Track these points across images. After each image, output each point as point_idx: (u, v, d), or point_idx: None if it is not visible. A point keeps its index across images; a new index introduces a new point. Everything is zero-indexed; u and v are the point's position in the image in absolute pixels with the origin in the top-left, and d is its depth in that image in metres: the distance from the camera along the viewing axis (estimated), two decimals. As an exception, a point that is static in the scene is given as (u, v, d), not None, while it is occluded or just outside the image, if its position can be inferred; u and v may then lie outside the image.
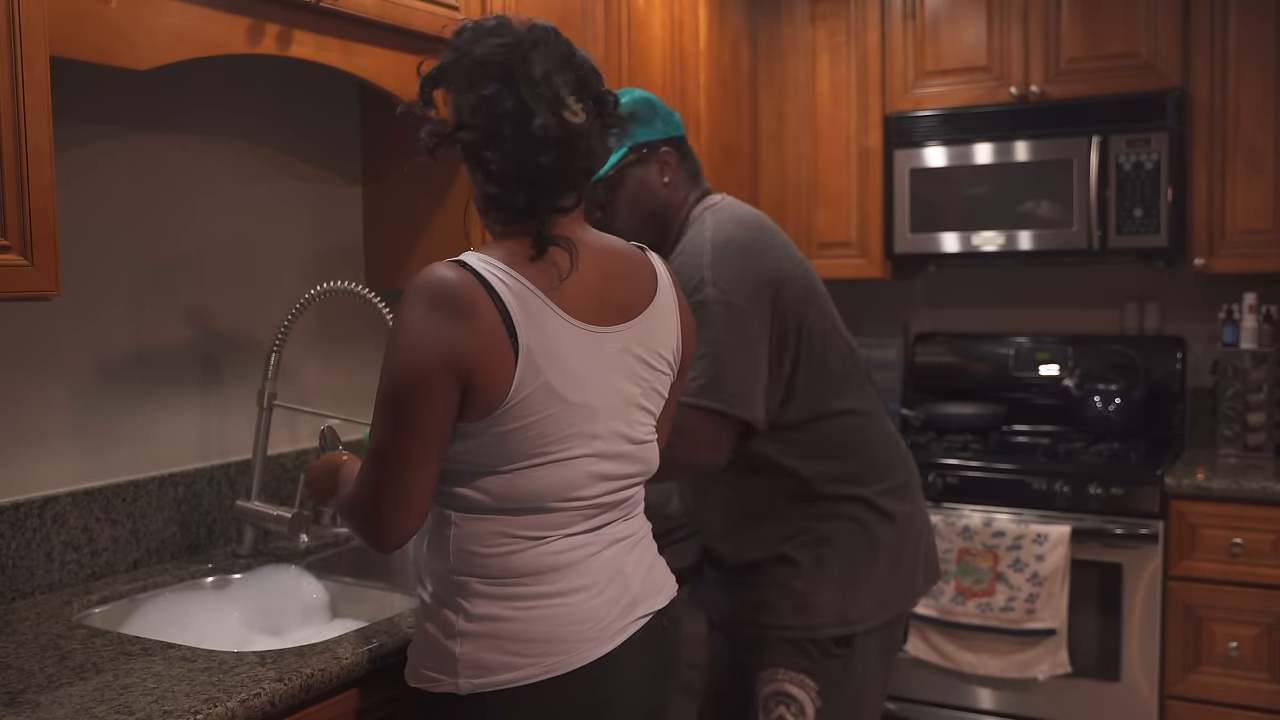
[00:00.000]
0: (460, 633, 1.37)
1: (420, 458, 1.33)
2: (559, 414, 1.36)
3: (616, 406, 1.42)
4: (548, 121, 1.34)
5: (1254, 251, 3.08)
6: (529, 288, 1.35)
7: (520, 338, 1.32)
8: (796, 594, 1.93)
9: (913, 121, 3.42)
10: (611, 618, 1.43)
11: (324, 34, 1.94)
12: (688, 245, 1.93)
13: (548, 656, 1.37)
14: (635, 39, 2.85)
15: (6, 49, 1.41)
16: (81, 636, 1.65)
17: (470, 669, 1.36)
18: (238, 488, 2.21)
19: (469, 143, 1.38)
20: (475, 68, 1.37)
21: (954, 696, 3.16)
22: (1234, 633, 2.86)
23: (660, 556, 1.58)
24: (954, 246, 3.37)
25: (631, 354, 1.45)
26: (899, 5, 3.46)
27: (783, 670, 1.93)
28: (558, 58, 1.39)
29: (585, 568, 1.41)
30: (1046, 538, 2.96)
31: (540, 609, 1.38)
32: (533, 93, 1.35)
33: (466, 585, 1.38)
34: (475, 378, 1.31)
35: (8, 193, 1.43)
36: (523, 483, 1.36)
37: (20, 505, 1.84)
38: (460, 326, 1.30)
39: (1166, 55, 3.12)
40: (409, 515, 1.36)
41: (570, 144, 1.37)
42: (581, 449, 1.39)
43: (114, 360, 2.03)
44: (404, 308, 1.33)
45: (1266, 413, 3.11)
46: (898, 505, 1.99)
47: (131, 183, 2.05)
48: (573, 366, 1.37)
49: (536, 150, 1.35)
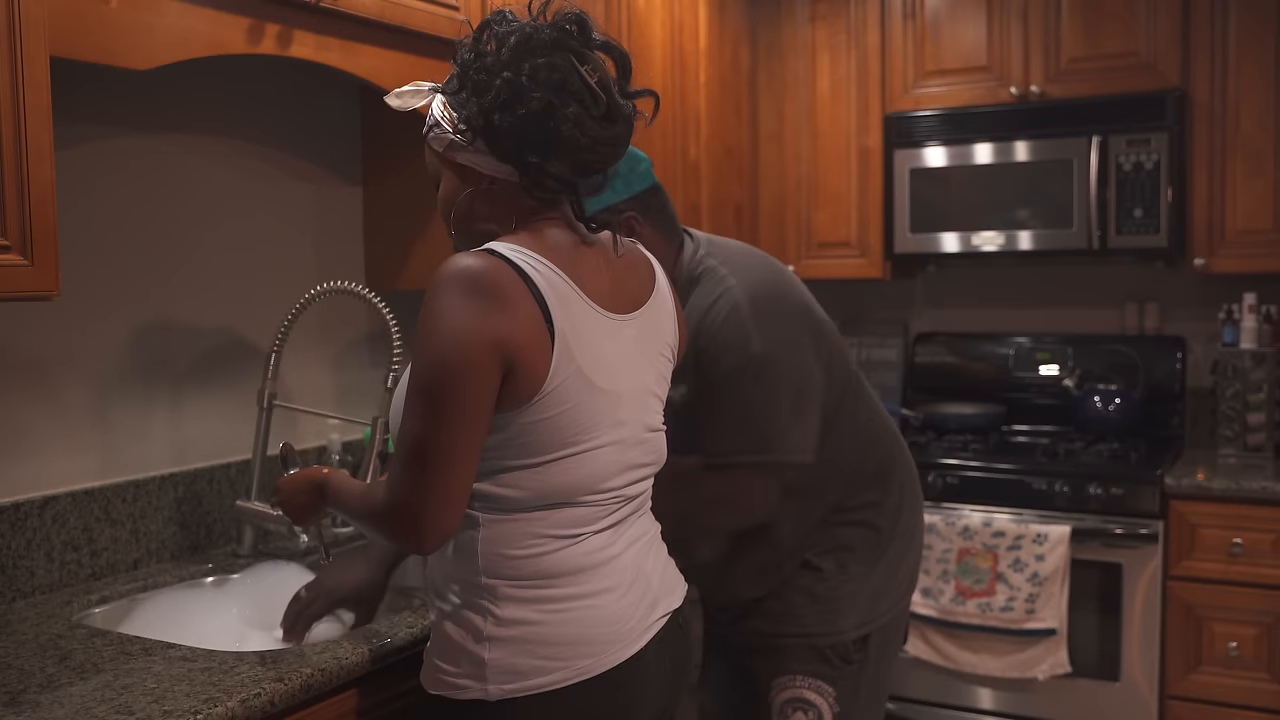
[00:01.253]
0: (489, 638, 1.35)
1: (463, 450, 1.29)
2: (588, 402, 1.35)
3: (638, 394, 1.43)
4: (596, 93, 1.35)
5: (1254, 251, 3.08)
6: (558, 274, 1.34)
7: (555, 322, 1.31)
8: (820, 599, 1.92)
9: (913, 121, 3.42)
10: (637, 618, 1.42)
11: (324, 34, 1.94)
12: (719, 304, 1.80)
13: (579, 659, 1.36)
14: (635, 39, 2.84)
15: (6, 49, 1.41)
16: (81, 636, 1.65)
17: (500, 674, 1.34)
18: (238, 488, 2.21)
19: (532, 112, 1.32)
20: (524, 42, 1.35)
21: (954, 696, 3.16)
22: (1234, 633, 2.86)
23: (670, 557, 1.58)
24: (954, 246, 3.37)
25: (645, 341, 1.45)
26: (899, 5, 3.46)
27: (801, 677, 1.91)
28: (597, 40, 1.39)
29: (611, 569, 1.41)
30: (1046, 538, 2.96)
31: (570, 611, 1.36)
32: (584, 66, 1.35)
33: (495, 589, 1.36)
34: (517, 362, 1.28)
35: (8, 192, 1.43)
36: (556, 475, 1.35)
37: (20, 505, 1.84)
38: (501, 311, 1.28)
39: (1166, 55, 3.12)
40: (452, 512, 1.31)
41: (611, 118, 1.37)
42: (608, 436, 1.38)
43: (113, 360, 2.03)
44: (436, 298, 1.28)
45: (1266, 413, 3.11)
46: (904, 490, 2.02)
47: (131, 183, 2.05)
48: (601, 353, 1.36)
49: (591, 116, 1.34)
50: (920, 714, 3.20)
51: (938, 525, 3.08)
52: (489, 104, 1.35)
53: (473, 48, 1.39)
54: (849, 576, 1.93)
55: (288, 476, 1.67)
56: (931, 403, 3.69)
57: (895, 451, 2.05)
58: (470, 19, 2.22)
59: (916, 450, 3.29)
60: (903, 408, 3.68)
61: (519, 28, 1.37)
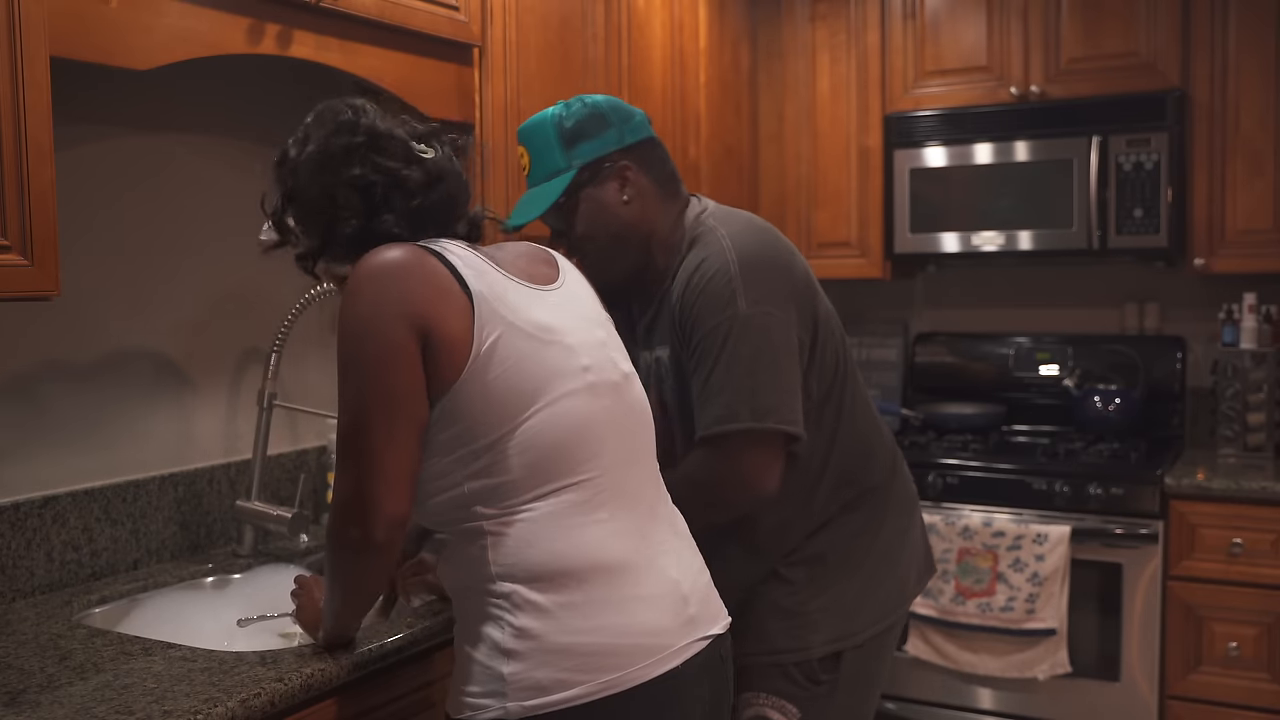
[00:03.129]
0: (507, 651, 1.29)
1: (396, 433, 1.28)
2: (538, 354, 1.34)
3: (592, 345, 1.42)
4: (409, 171, 1.42)
5: (1254, 251, 3.08)
6: (471, 251, 1.39)
7: (471, 285, 1.33)
8: (789, 614, 1.80)
9: (913, 121, 3.42)
10: (670, 633, 1.35)
11: (324, 34, 1.94)
12: (708, 262, 1.73)
13: (604, 672, 1.28)
14: (635, 39, 2.85)
15: (6, 49, 1.41)
16: (81, 636, 1.65)
17: (521, 690, 1.27)
18: (238, 488, 2.21)
19: (351, 234, 1.40)
20: (320, 166, 1.42)
21: (954, 696, 3.16)
22: (1234, 633, 2.86)
23: (713, 584, 1.50)
24: (954, 246, 3.37)
25: (573, 307, 1.46)
26: (899, 5, 3.46)
27: (764, 695, 1.79)
28: (383, 119, 1.46)
29: (637, 575, 1.35)
30: (1046, 538, 2.96)
31: (594, 617, 1.30)
32: (384, 155, 1.41)
33: (511, 595, 1.30)
34: (432, 324, 1.29)
35: (8, 192, 1.43)
36: (533, 438, 1.31)
37: (20, 505, 1.84)
38: (409, 280, 1.31)
39: (1166, 55, 3.12)
40: (395, 496, 1.29)
41: (436, 180, 1.44)
42: (576, 380, 1.36)
43: (114, 360, 2.03)
44: (349, 291, 1.33)
45: (1266, 413, 3.11)
46: (890, 501, 1.90)
47: (131, 183, 2.05)
48: (531, 313, 1.37)
49: (410, 197, 1.41)
50: (920, 714, 3.20)
51: (938, 525, 3.08)
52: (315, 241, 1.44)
53: (278, 191, 1.48)
54: (819, 590, 1.81)
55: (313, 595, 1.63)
56: (931, 403, 3.69)
57: (885, 460, 1.91)
58: (470, 19, 2.23)
59: (917, 450, 3.29)
60: (903, 408, 3.67)
61: (305, 158, 1.44)
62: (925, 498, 3.13)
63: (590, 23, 2.67)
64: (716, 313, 1.70)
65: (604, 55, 2.72)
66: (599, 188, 1.77)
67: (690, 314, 1.73)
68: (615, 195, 1.77)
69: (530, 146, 1.79)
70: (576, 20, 2.61)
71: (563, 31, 2.56)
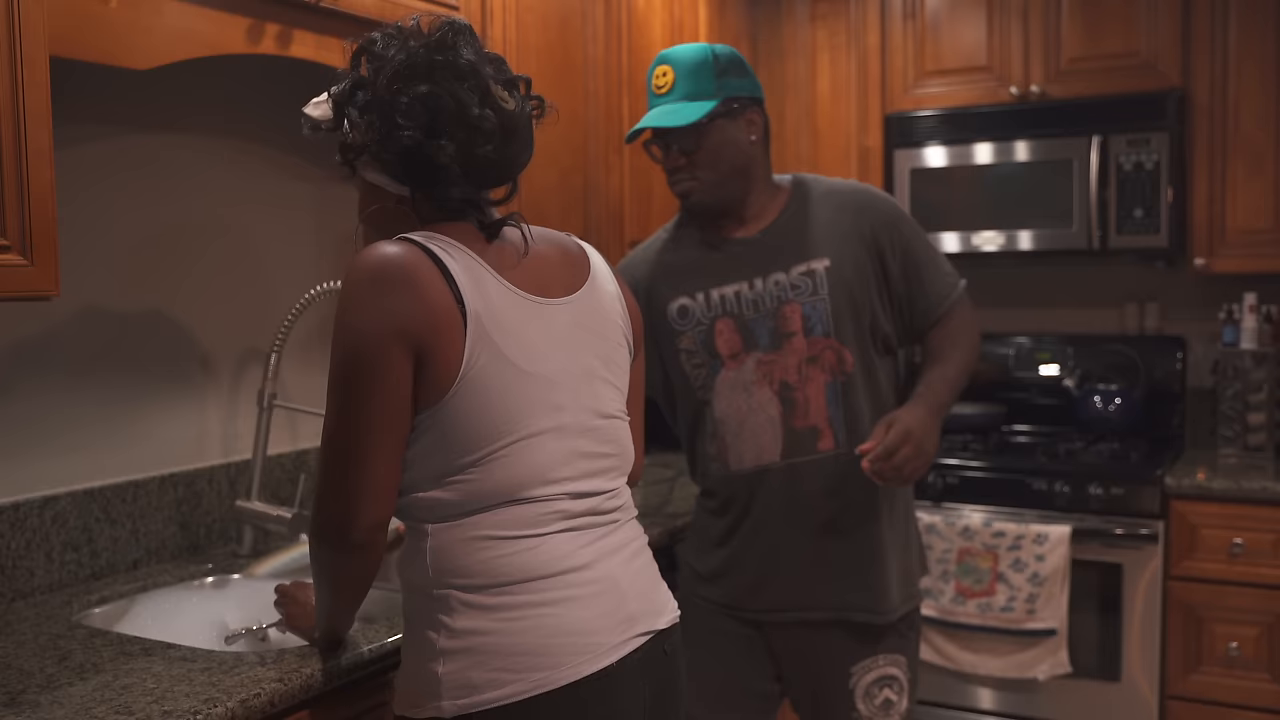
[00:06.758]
0: (442, 651, 1.30)
1: (379, 442, 1.28)
2: (517, 387, 1.32)
3: (577, 379, 1.39)
4: (484, 112, 1.35)
5: (1254, 251, 3.08)
6: (473, 257, 1.34)
7: (468, 303, 1.30)
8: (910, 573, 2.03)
9: (913, 121, 3.42)
10: (605, 631, 1.35)
11: (324, 34, 1.94)
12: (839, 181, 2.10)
13: (534, 671, 1.29)
14: (635, 39, 2.85)
15: (6, 49, 1.41)
16: (81, 636, 1.65)
17: (454, 690, 1.29)
18: (238, 488, 2.21)
19: (407, 147, 1.34)
20: (400, 71, 1.35)
21: (954, 696, 3.16)
22: (1234, 633, 2.86)
23: (662, 578, 1.50)
24: (954, 246, 3.36)
25: (583, 326, 1.42)
26: (899, 5, 3.46)
27: (882, 656, 1.98)
28: (475, 51, 1.38)
29: (574, 578, 1.34)
30: (1047, 538, 2.96)
31: (526, 620, 1.30)
32: (464, 86, 1.35)
33: (447, 600, 1.31)
34: (426, 346, 1.27)
35: (8, 193, 1.43)
36: (496, 471, 1.31)
37: (20, 505, 1.84)
38: (406, 295, 1.27)
39: (1166, 55, 3.12)
40: (373, 503, 1.29)
41: (509, 132, 1.38)
42: (547, 421, 1.34)
43: (114, 360, 2.03)
44: (345, 288, 1.30)
45: (1266, 413, 3.11)
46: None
47: (131, 183, 2.05)
48: (524, 336, 1.34)
49: (477, 141, 1.35)
50: (920, 714, 3.20)
51: (938, 525, 3.08)
52: (367, 138, 1.36)
53: (350, 76, 1.40)
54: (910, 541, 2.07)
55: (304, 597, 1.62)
56: (932, 403, 3.68)
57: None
58: (470, 19, 2.22)
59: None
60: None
61: (391, 57, 1.36)
62: (925, 497, 3.13)
63: (590, 22, 2.67)
64: (891, 206, 2.06)
65: (604, 55, 2.72)
66: (733, 122, 1.97)
67: (868, 213, 2.01)
68: (744, 134, 1.99)
69: (677, 67, 1.95)
70: (576, 20, 2.61)
71: (562, 31, 2.56)
